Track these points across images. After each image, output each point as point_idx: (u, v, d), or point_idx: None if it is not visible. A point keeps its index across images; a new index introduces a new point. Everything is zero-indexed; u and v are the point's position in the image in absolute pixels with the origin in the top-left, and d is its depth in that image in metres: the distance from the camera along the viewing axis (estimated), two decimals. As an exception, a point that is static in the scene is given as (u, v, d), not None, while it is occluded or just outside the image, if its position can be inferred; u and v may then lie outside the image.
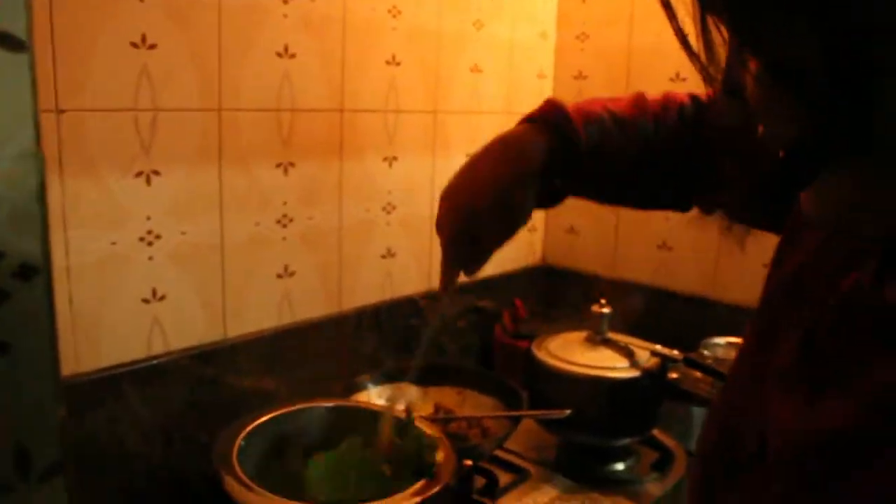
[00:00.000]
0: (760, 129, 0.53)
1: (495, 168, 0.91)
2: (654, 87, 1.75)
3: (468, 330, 1.82)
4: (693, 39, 0.50)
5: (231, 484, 0.89)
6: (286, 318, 1.44)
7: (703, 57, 0.50)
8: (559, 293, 2.02)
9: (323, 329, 1.48)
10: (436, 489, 0.91)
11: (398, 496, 0.90)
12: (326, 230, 1.48)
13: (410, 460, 1.00)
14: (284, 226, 1.40)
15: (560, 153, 0.90)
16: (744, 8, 0.46)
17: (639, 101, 0.95)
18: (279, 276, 1.41)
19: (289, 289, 1.42)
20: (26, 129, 0.39)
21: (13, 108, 0.38)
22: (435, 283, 1.71)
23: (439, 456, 0.98)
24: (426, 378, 1.45)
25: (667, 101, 0.95)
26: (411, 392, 1.42)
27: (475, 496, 0.95)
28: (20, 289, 0.40)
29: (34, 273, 0.40)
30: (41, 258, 0.40)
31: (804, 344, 0.58)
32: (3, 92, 0.38)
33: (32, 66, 0.39)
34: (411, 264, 1.67)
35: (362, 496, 0.91)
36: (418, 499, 0.89)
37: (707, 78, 0.51)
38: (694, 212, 1.00)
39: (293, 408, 1.08)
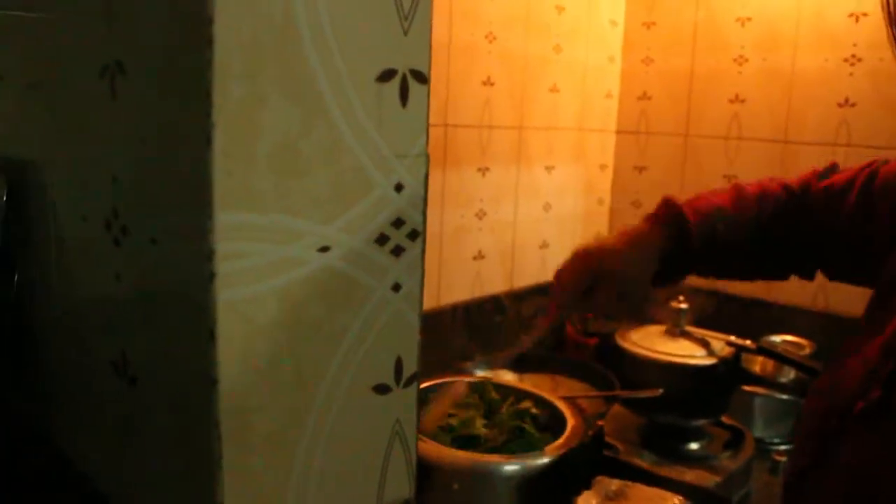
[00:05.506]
0: None
1: (624, 247, 1.14)
2: (714, 109, 1.95)
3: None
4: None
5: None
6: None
7: None
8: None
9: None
10: (574, 444, 1.08)
11: (545, 449, 1.07)
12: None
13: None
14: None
15: (676, 245, 1.12)
16: None
17: (739, 194, 1.15)
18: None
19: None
20: (423, 136, 0.57)
21: (417, 122, 0.56)
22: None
23: (571, 420, 1.15)
24: (521, 366, 1.62)
25: (763, 194, 1.14)
26: (508, 377, 1.59)
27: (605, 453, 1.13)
28: (410, 246, 0.58)
29: (418, 236, 0.58)
30: (422, 226, 0.58)
31: None
32: (413, 111, 0.56)
33: (428, 94, 0.56)
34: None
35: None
36: (561, 451, 1.06)
37: None
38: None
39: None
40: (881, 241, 0.96)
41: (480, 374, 1.57)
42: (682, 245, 1.11)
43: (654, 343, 1.56)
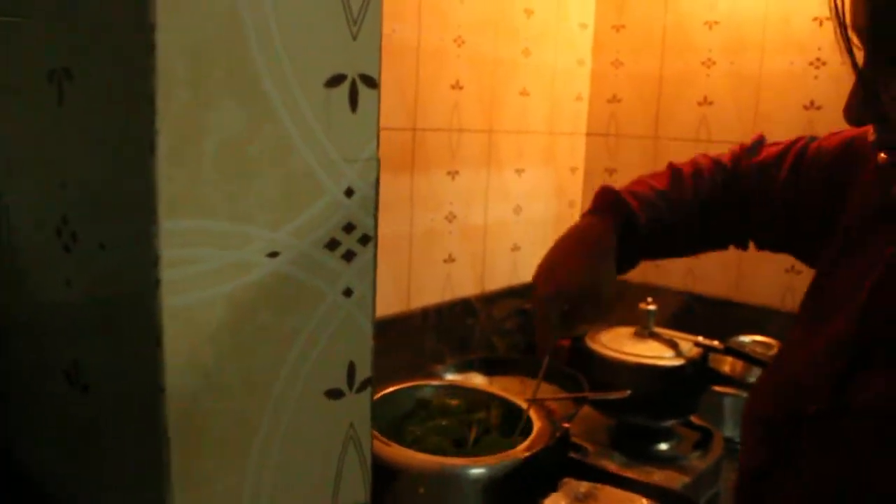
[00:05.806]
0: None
1: (579, 255, 1.13)
2: (683, 111, 1.96)
3: (515, 330, 2.00)
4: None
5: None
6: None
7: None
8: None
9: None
10: (540, 447, 1.08)
11: (511, 451, 1.07)
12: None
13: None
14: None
15: (626, 234, 1.12)
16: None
17: (675, 176, 1.15)
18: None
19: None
20: (373, 141, 0.57)
21: (367, 127, 0.56)
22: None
23: (538, 423, 1.15)
24: (490, 369, 1.62)
25: (697, 170, 1.15)
26: (478, 381, 1.59)
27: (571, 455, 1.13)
28: (361, 251, 0.58)
29: (369, 240, 0.58)
30: (373, 230, 0.58)
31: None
32: (363, 116, 0.56)
33: (379, 99, 0.56)
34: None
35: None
36: (528, 454, 1.06)
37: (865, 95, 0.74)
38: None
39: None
40: (810, 218, 0.99)
41: (450, 377, 1.57)
42: (630, 234, 1.11)
43: (622, 344, 1.57)
